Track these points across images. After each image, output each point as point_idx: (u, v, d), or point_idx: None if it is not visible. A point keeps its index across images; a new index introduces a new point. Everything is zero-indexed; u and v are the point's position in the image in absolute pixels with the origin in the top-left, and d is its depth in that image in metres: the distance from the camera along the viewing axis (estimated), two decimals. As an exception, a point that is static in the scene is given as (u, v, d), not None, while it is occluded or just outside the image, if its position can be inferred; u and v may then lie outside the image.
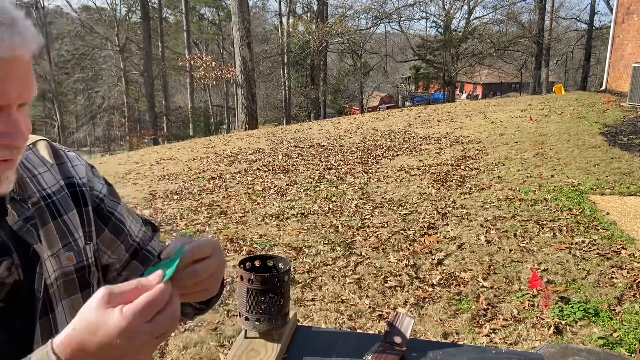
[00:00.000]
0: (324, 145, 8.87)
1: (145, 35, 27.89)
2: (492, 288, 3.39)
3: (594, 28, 30.66)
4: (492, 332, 2.90)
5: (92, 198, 0.91)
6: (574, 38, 35.37)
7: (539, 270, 3.54)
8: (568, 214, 4.61)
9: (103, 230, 0.93)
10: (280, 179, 6.56)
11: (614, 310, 3.04)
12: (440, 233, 4.38)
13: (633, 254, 3.76)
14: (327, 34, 29.10)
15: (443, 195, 5.42)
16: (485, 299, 3.24)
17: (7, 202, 0.77)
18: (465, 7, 35.35)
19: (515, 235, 4.22)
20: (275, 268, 1.34)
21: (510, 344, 2.78)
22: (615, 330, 2.83)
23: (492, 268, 3.67)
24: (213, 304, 0.95)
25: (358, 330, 2.95)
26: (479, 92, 40.81)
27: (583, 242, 4.00)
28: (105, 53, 31.48)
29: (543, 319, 2.98)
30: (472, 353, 1.27)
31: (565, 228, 4.30)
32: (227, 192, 6.07)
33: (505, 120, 9.86)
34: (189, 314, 0.96)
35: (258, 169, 7.23)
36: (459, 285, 3.45)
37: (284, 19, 30.04)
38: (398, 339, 1.28)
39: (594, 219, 4.46)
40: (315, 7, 32.69)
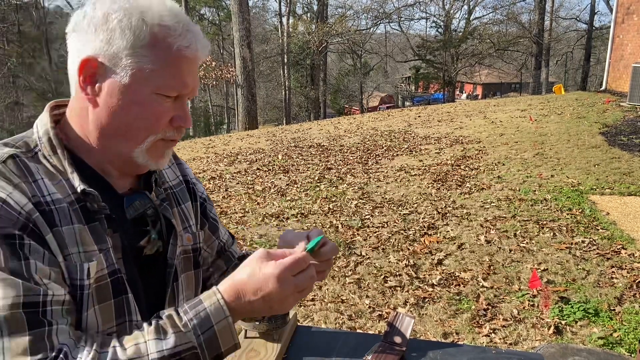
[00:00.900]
0: (324, 145, 8.87)
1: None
2: (492, 288, 3.39)
3: (594, 28, 30.67)
4: (492, 332, 2.90)
5: (199, 195, 1.10)
6: (574, 38, 35.38)
7: (539, 270, 3.54)
8: (568, 214, 4.61)
9: (205, 226, 1.10)
10: (280, 179, 6.56)
11: (614, 310, 3.04)
12: (440, 233, 4.38)
13: (633, 254, 3.76)
14: (327, 34, 29.10)
15: (443, 195, 5.42)
16: (485, 299, 3.24)
17: (152, 181, 0.97)
18: (465, 7, 35.38)
19: (515, 235, 4.22)
20: (276, 268, 1.34)
21: (510, 344, 2.78)
22: (615, 330, 2.83)
23: (492, 268, 3.67)
24: None
25: (358, 330, 2.95)
26: (479, 92, 40.81)
27: (583, 242, 4.00)
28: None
29: (543, 319, 2.98)
30: (472, 353, 1.27)
31: (565, 228, 4.30)
32: (227, 192, 6.07)
33: (505, 120, 9.86)
34: None
35: (258, 169, 7.23)
36: (459, 285, 3.45)
37: (284, 19, 30.04)
38: (398, 339, 1.28)
39: (594, 219, 4.46)
40: (315, 7, 32.71)
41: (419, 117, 11.92)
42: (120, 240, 0.88)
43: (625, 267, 3.57)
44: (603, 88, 13.18)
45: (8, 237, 0.74)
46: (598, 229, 4.25)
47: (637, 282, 3.35)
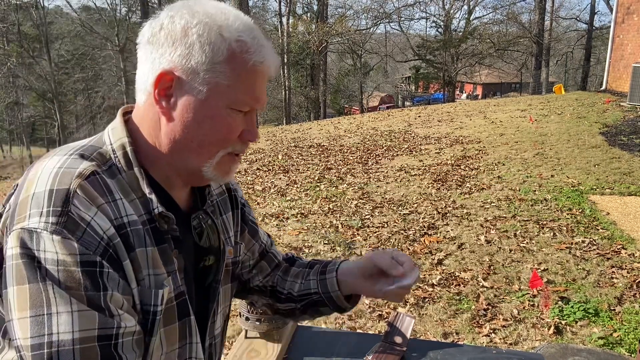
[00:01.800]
0: (324, 145, 8.87)
1: (146, 35, 27.82)
2: (492, 288, 3.39)
3: (594, 28, 30.65)
4: (492, 332, 2.90)
5: (240, 201, 1.09)
6: (574, 38, 35.35)
7: (539, 270, 3.54)
8: (568, 214, 4.61)
9: (244, 230, 1.10)
10: (280, 179, 6.56)
11: (614, 310, 3.04)
12: (440, 233, 4.38)
13: (633, 254, 3.76)
14: (327, 34, 29.08)
15: (443, 195, 5.41)
16: (485, 299, 3.24)
17: (207, 195, 0.96)
18: (465, 7, 35.35)
19: (515, 235, 4.22)
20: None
21: (511, 344, 2.78)
22: (615, 330, 2.83)
23: (492, 268, 3.67)
24: (353, 307, 1.15)
25: (358, 330, 2.95)
26: (479, 92, 40.80)
27: (583, 242, 4.00)
28: (105, 53, 31.45)
29: (543, 319, 2.98)
30: (472, 353, 1.27)
31: (565, 228, 4.30)
32: (227, 192, 6.06)
33: (505, 120, 9.86)
34: (329, 313, 1.15)
35: (258, 169, 7.23)
36: (459, 285, 3.45)
37: (284, 19, 30.01)
38: (398, 339, 1.28)
39: (594, 219, 4.46)
40: (315, 7, 32.71)
41: (419, 117, 11.92)
42: (184, 261, 0.87)
43: (625, 267, 3.57)
44: (603, 88, 13.18)
45: (89, 264, 0.71)
46: (598, 229, 4.25)
47: (637, 282, 3.35)
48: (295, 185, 6.20)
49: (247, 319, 1.31)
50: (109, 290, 0.72)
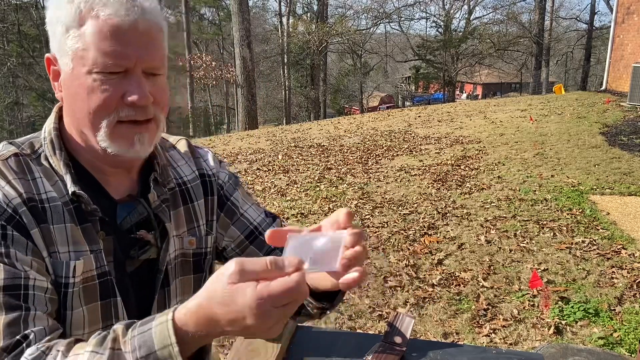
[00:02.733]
0: (324, 145, 8.87)
1: (146, 35, 27.78)
2: (492, 288, 3.39)
3: (594, 28, 30.65)
4: (492, 332, 2.90)
5: (216, 186, 1.04)
6: (574, 38, 35.36)
7: (539, 270, 3.54)
8: (568, 214, 4.61)
9: (220, 214, 1.03)
10: (280, 179, 6.56)
11: (614, 310, 3.04)
12: (440, 233, 4.38)
13: (633, 254, 3.76)
14: (327, 34, 29.09)
15: (443, 195, 5.41)
16: (485, 299, 3.24)
17: (150, 182, 0.92)
18: (465, 7, 35.36)
19: (515, 235, 4.22)
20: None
21: (511, 344, 2.78)
22: (615, 330, 2.82)
23: (492, 268, 3.67)
24: (337, 303, 0.95)
25: (358, 330, 2.95)
26: (479, 92, 40.81)
27: (583, 242, 4.00)
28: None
29: (543, 319, 2.98)
30: (472, 353, 1.27)
31: (565, 228, 4.29)
32: (227, 192, 6.06)
33: (505, 120, 9.86)
34: (315, 314, 0.98)
35: (258, 169, 7.23)
36: (459, 285, 3.45)
37: (284, 19, 30.03)
38: (398, 339, 1.28)
39: (594, 219, 4.46)
40: (315, 7, 32.71)
41: (419, 117, 11.92)
42: (113, 244, 0.87)
43: (626, 267, 3.57)
44: (603, 88, 13.18)
45: None
46: (598, 229, 4.25)
47: (637, 282, 3.35)
48: (295, 185, 6.20)
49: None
50: (14, 250, 0.76)
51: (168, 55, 0.88)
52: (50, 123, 0.89)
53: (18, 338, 0.71)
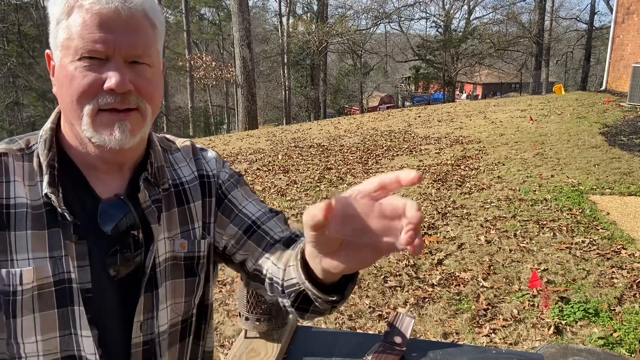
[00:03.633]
0: (324, 145, 8.87)
1: (145, 35, 27.77)
2: (492, 288, 3.39)
3: (594, 28, 30.65)
4: (492, 332, 2.90)
5: (215, 187, 1.00)
6: (574, 38, 35.36)
7: (539, 270, 3.54)
8: (568, 214, 4.61)
9: (217, 214, 1.00)
10: (280, 179, 6.56)
11: (614, 310, 3.04)
12: (440, 233, 4.38)
13: (633, 254, 3.76)
14: (327, 34, 29.07)
15: (443, 195, 5.41)
16: (485, 299, 3.24)
17: (140, 181, 0.89)
18: (465, 7, 35.36)
19: (515, 235, 4.22)
20: (276, 268, 1.34)
21: (510, 344, 2.78)
22: (615, 330, 2.82)
23: (492, 268, 3.67)
24: (348, 294, 0.87)
25: (358, 330, 2.95)
26: (479, 92, 40.79)
27: (583, 242, 4.00)
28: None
29: (543, 319, 2.98)
30: (472, 353, 1.27)
31: (565, 228, 4.29)
32: (227, 192, 6.06)
33: (505, 121, 9.86)
34: (326, 309, 0.90)
35: (258, 169, 7.23)
36: (459, 285, 3.45)
37: (284, 19, 30.03)
38: (398, 339, 1.28)
39: (594, 219, 4.46)
40: (315, 7, 32.71)
41: (419, 117, 11.92)
42: (89, 247, 0.84)
43: (626, 267, 3.57)
44: (603, 88, 13.18)
45: None
46: (598, 229, 4.25)
47: (637, 282, 3.35)
48: (295, 185, 6.20)
49: (246, 319, 1.31)
50: None
51: (168, 55, 0.87)
52: (49, 122, 0.89)
53: None
